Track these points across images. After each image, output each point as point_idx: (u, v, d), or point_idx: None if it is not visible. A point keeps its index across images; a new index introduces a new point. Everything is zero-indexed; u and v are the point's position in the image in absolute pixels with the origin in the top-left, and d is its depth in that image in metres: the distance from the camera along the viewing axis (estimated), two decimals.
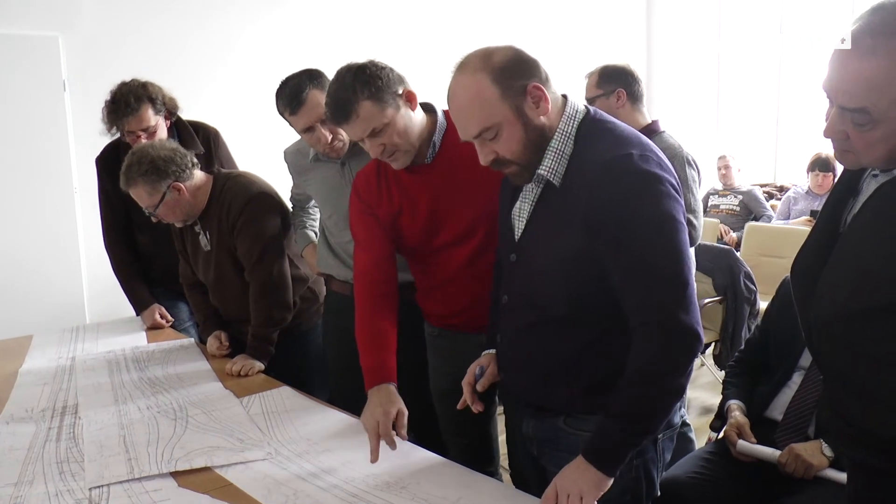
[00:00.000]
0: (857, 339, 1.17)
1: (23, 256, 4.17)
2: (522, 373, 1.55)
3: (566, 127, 1.40)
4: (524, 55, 1.38)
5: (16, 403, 2.11)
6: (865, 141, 1.11)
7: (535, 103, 1.36)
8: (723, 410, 2.23)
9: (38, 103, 4.20)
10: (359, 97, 1.69)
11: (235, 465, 1.64)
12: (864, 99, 1.08)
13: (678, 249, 1.33)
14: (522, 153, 1.39)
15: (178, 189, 2.32)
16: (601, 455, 1.34)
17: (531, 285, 1.48)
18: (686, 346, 1.34)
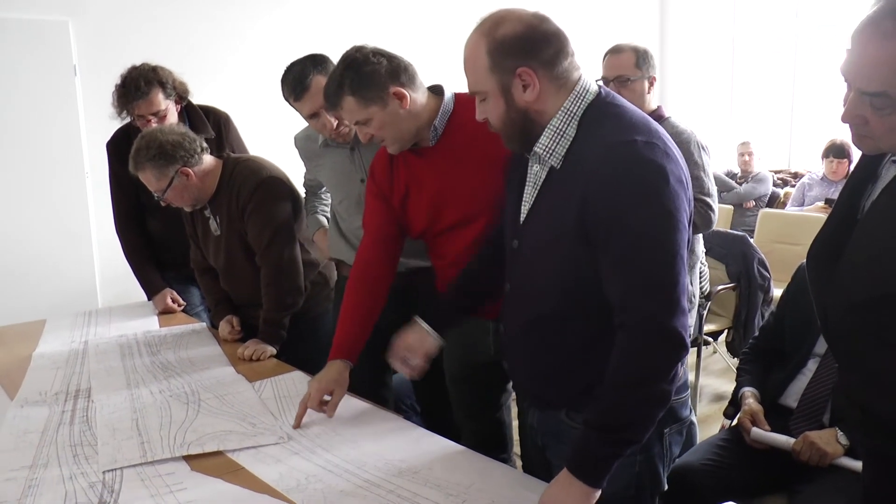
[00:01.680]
0: (874, 326, 1.16)
1: (35, 241, 4.19)
2: (523, 367, 1.53)
3: (572, 107, 1.35)
4: (533, 33, 1.32)
5: (30, 387, 2.12)
6: (885, 125, 1.09)
7: (523, 87, 1.33)
8: (736, 398, 2.22)
9: (49, 88, 4.20)
10: (343, 91, 1.75)
11: (247, 450, 1.64)
12: (884, 83, 1.06)
13: (671, 249, 1.27)
14: (502, 127, 1.39)
15: (187, 174, 2.32)
16: (584, 468, 1.29)
17: (528, 274, 1.45)
18: (668, 352, 1.28)
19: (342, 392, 1.79)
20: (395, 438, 1.67)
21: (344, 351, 1.83)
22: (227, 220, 2.42)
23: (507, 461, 2.00)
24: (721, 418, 2.39)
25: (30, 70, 4.12)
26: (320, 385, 1.77)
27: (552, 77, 1.34)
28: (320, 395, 1.76)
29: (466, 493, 1.41)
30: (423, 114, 1.80)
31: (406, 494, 1.41)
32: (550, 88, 1.34)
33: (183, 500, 1.42)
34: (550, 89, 1.34)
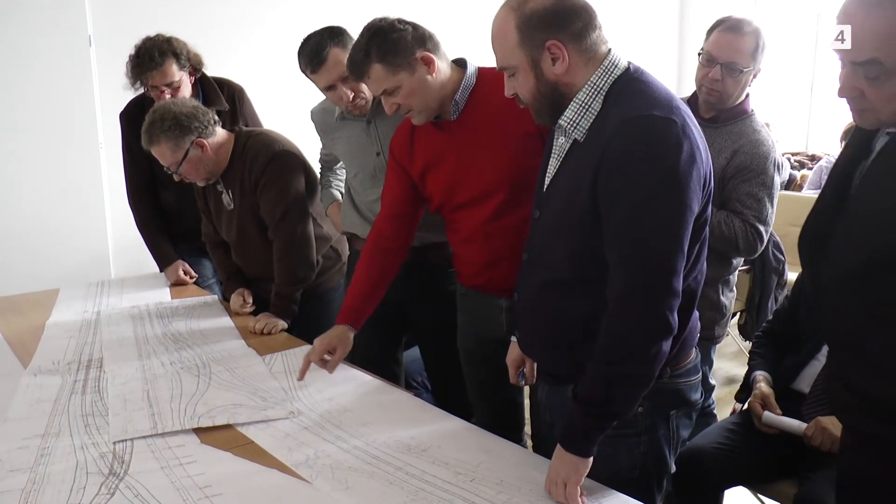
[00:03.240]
0: (866, 300, 1.16)
1: (49, 211, 4.20)
2: (534, 336, 1.53)
3: (599, 81, 1.34)
4: (562, 6, 1.31)
5: (43, 355, 2.13)
6: (882, 95, 1.08)
7: (553, 60, 1.32)
8: (748, 381, 2.21)
9: (64, 59, 4.18)
10: (371, 60, 1.73)
11: (257, 424, 1.64)
12: (874, 49, 1.05)
13: (670, 228, 1.25)
14: (533, 102, 1.38)
15: (202, 145, 2.30)
16: (571, 440, 1.32)
17: (544, 242, 1.45)
18: (651, 334, 1.28)
19: (344, 350, 1.84)
20: (405, 415, 1.67)
21: (350, 317, 1.87)
22: (239, 194, 2.41)
23: (520, 441, 2.00)
24: (732, 402, 2.38)
25: (45, 41, 4.11)
26: (322, 341, 1.83)
27: (581, 50, 1.33)
28: (323, 349, 1.82)
29: (475, 471, 1.41)
30: (447, 84, 1.78)
31: (415, 472, 1.42)
32: (579, 61, 1.33)
33: (192, 473, 1.43)
34: (579, 62, 1.33)
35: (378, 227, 1.95)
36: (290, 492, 1.37)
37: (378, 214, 1.98)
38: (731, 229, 2.17)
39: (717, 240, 2.20)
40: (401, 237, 1.93)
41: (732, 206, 2.20)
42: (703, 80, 2.22)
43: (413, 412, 1.70)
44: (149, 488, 1.38)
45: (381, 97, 1.79)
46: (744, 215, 2.18)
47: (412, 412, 1.70)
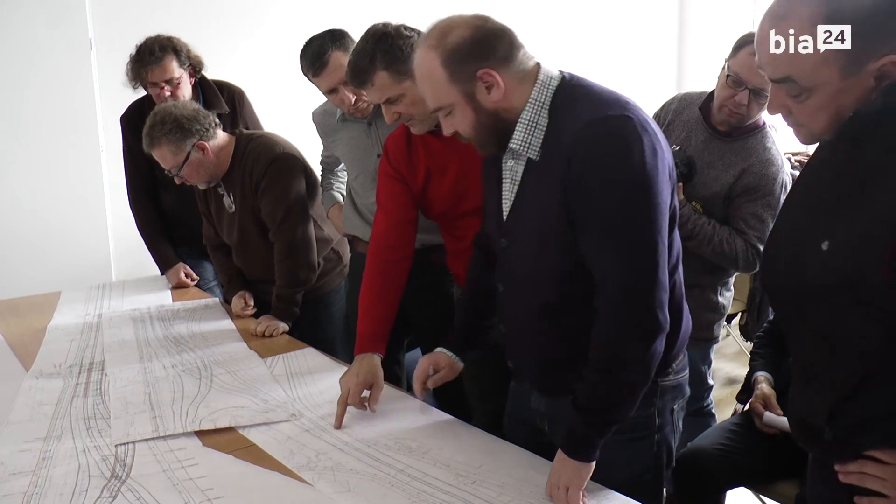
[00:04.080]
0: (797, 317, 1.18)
1: (50, 214, 4.20)
2: (531, 361, 1.51)
3: (539, 96, 1.33)
4: (483, 33, 1.30)
5: (45, 359, 2.13)
6: (806, 112, 1.09)
7: (487, 89, 1.30)
8: (749, 382, 2.20)
9: (65, 62, 4.18)
10: (376, 66, 1.69)
11: (259, 426, 1.64)
12: (785, 67, 1.06)
13: (647, 224, 1.25)
14: (475, 134, 1.36)
15: (203, 148, 2.31)
16: (574, 447, 1.32)
17: (523, 268, 1.42)
18: (645, 335, 1.28)
19: (381, 385, 1.72)
20: (406, 417, 1.67)
21: (372, 344, 1.76)
22: (240, 197, 2.41)
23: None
24: (733, 402, 2.38)
25: (45, 43, 4.11)
26: (358, 380, 1.69)
27: (512, 72, 1.31)
28: (360, 390, 1.69)
29: (477, 473, 1.41)
30: None
31: (416, 474, 1.42)
32: (513, 83, 1.32)
33: (194, 475, 1.43)
34: (514, 84, 1.32)
35: (380, 240, 1.87)
36: (292, 494, 1.37)
37: (377, 224, 1.90)
38: (733, 248, 2.18)
39: (717, 256, 2.21)
40: (405, 245, 1.88)
41: (736, 224, 2.20)
42: (726, 101, 2.14)
43: (414, 414, 1.70)
44: (151, 491, 1.38)
45: (382, 105, 1.75)
46: (746, 235, 2.18)
47: (413, 414, 1.70)
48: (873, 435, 1.13)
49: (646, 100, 1.49)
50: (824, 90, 1.05)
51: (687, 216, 2.17)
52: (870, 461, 1.13)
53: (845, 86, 1.05)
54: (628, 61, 6.23)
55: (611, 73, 6.04)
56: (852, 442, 1.14)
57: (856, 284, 1.05)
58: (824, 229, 1.09)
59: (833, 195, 1.11)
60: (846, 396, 1.12)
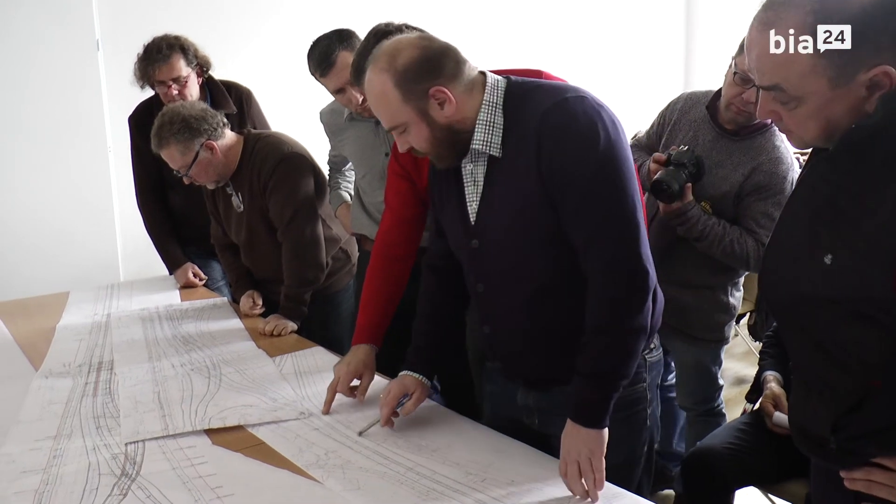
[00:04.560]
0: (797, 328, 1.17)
1: (58, 215, 4.22)
2: (520, 354, 1.52)
3: (491, 98, 1.39)
4: (431, 52, 1.36)
5: (54, 358, 2.14)
6: (795, 120, 1.09)
7: (440, 105, 1.36)
8: (759, 381, 2.19)
9: (72, 63, 4.20)
10: None
11: (268, 425, 1.65)
12: (773, 75, 1.05)
13: (621, 186, 1.32)
14: (431, 148, 1.41)
15: (211, 148, 2.31)
16: (589, 416, 1.35)
17: (504, 264, 1.45)
18: (640, 288, 1.34)
19: (371, 376, 1.76)
20: (415, 416, 1.66)
21: (368, 335, 1.80)
22: (248, 197, 2.42)
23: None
24: (742, 402, 2.37)
25: (52, 44, 4.13)
26: (349, 368, 1.74)
27: (462, 85, 1.37)
28: (350, 378, 1.73)
29: (486, 471, 1.41)
30: None
31: (425, 472, 1.42)
32: (464, 96, 1.38)
33: (204, 474, 1.43)
34: (464, 97, 1.38)
35: (384, 236, 1.90)
36: (301, 492, 1.37)
37: (383, 222, 1.93)
38: (744, 248, 2.17)
39: (727, 256, 2.19)
40: (409, 243, 1.90)
41: (747, 224, 2.19)
42: (734, 98, 2.14)
43: (423, 413, 1.69)
44: (161, 489, 1.38)
45: None
46: (757, 234, 2.17)
47: (422, 412, 1.69)
48: (880, 445, 1.12)
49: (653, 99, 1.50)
50: (813, 100, 1.05)
51: (696, 217, 2.16)
52: (876, 468, 1.13)
53: (835, 95, 1.04)
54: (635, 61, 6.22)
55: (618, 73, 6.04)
56: (857, 452, 1.14)
57: (861, 298, 1.05)
58: (826, 243, 1.09)
59: (834, 208, 1.10)
60: (850, 408, 1.12)
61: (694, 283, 2.31)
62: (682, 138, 2.28)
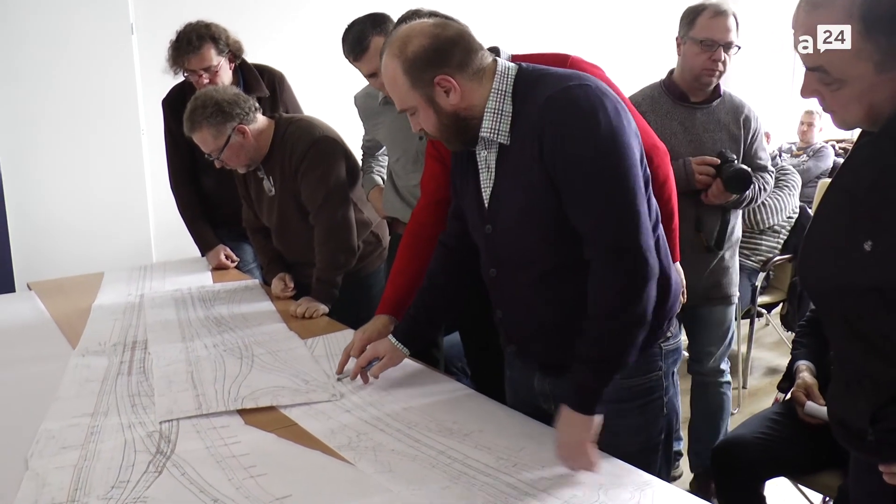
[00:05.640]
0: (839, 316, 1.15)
1: (92, 197, 4.28)
2: (533, 338, 1.54)
3: (500, 86, 1.41)
4: (440, 42, 1.39)
5: (90, 337, 2.18)
6: (839, 101, 1.07)
7: (445, 93, 1.40)
8: (791, 371, 2.17)
9: (106, 47, 4.24)
10: None
11: (300, 406, 1.66)
12: (818, 57, 1.04)
13: (623, 173, 1.32)
14: (440, 133, 1.46)
15: (243, 132, 2.33)
16: (583, 403, 1.36)
17: (514, 249, 1.47)
18: (641, 277, 1.34)
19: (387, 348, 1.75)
20: (446, 400, 1.68)
21: (391, 307, 1.85)
22: (280, 180, 2.43)
23: None
24: (773, 392, 2.35)
25: (87, 28, 4.17)
26: (364, 335, 1.79)
27: (469, 74, 1.40)
28: (363, 344, 1.78)
29: (517, 456, 1.41)
30: None
31: (457, 456, 1.42)
32: (471, 85, 1.41)
33: (237, 453, 1.45)
34: (472, 85, 1.41)
35: (418, 216, 1.94)
36: (334, 472, 1.38)
37: (417, 204, 1.97)
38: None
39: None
40: (441, 224, 1.90)
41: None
42: (705, 64, 2.35)
43: (453, 396, 1.70)
44: (195, 467, 1.40)
45: None
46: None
47: (452, 396, 1.70)
48: None
49: None
50: (857, 83, 1.03)
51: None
52: None
53: (880, 80, 1.03)
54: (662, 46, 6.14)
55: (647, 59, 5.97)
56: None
57: None
58: (866, 229, 1.07)
59: (875, 194, 1.08)
60: (891, 399, 1.10)
61: None
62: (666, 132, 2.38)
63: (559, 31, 5.45)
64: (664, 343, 1.50)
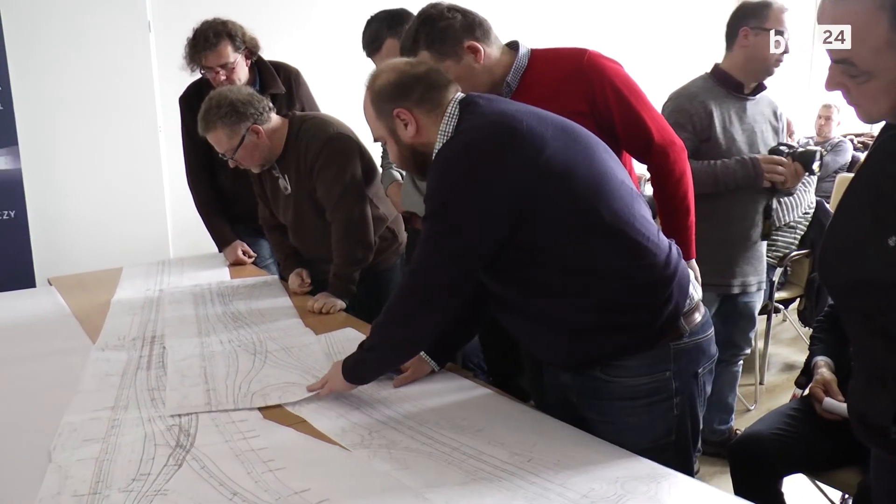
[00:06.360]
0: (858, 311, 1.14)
1: (111, 194, 4.32)
2: (544, 356, 1.61)
3: (446, 128, 1.48)
4: (404, 77, 1.51)
5: (109, 332, 2.20)
6: (865, 94, 1.06)
7: (404, 125, 1.50)
8: (809, 366, 2.16)
9: (124, 45, 4.27)
10: (419, 46, 1.80)
11: (310, 405, 1.65)
12: (844, 49, 1.02)
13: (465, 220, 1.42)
14: (403, 165, 1.59)
15: (257, 132, 2.34)
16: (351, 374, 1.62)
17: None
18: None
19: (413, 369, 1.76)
20: (455, 396, 1.68)
21: None
22: (295, 178, 2.44)
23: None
24: (791, 388, 2.34)
25: (104, 26, 4.20)
26: None
27: (426, 111, 1.50)
28: None
29: (531, 451, 1.41)
30: (496, 69, 1.81)
31: (471, 452, 1.41)
32: (428, 121, 1.50)
33: (256, 447, 1.46)
34: (428, 122, 1.50)
35: None
36: (353, 468, 1.38)
37: None
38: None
39: None
40: None
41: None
42: (777, 55, 2.49)
43: (464, 392, 1.70)
44: (214, 460, 1.41)
45: None
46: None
47: (463, 392, 1.70)
48: None
49: None
50: (885, 76, 1.02)
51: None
52: None
53: None
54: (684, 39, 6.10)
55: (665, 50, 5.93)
56: None
57: None
58: (891, 224, 1.06)
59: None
60: None
61: None
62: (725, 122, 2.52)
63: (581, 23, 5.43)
64: (674, 343, 1.46)
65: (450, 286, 1.48)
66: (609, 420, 1.49)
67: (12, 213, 3.81)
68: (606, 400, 1.49)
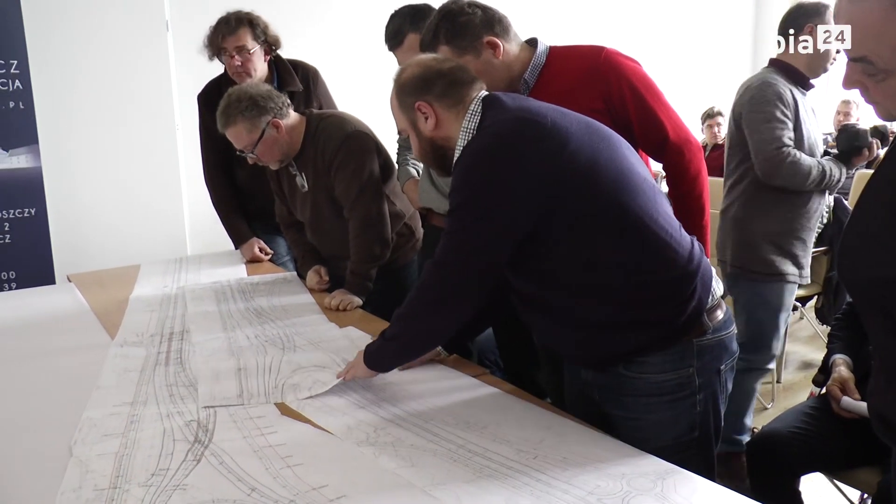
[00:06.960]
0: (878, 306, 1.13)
1: (129, 192, 4.36)
2: (566, 352, 1.62)
3: (468, 124, 1.50)
4: (428, 72, 1.54)
5: (128, 328, 2.22)
6: (883, 92, 1.05)
7: (424, 119, 1.53)
8: (827, 365, 2.14)
9: (142, 44, 4.31)
10: (439, 41, 1.81)
11: (314, 404, 1.65)
12: (862, 47, 1.01)
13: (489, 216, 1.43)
14: (422, 158, 1.62)
15: (277, 126, 2.35)
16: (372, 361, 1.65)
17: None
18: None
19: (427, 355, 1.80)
20: (463, 393, 1.68)
21: None
22: (313, 176, 2.45)
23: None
24: (808, 386, 2.33)
25: (123, 25, 4.24)
26: None
27: (447, 106, 1.52)
28: None
29: (537, 448, 1.40)
30: (515, 65, 1.82)
31: (477, 449, 1.41)
32: (448, 116, 1.53)
33: (274, 443, 1.47)
34: (448, 117, 1.53)
35: None
36: (368, 465, 1.38)
37: None
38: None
39: None
40: None
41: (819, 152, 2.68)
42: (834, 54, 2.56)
43: (468, 389, 1.70)
44: (232, 456, 1.42)
45: None
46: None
47: (467, 390, 1.70)
48: None
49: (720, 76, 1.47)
50: None
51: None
52: None
53: None
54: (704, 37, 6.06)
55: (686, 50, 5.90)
56: None
57: None
58: None
59: None
60: None
61: None
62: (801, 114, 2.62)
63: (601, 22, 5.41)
64: (698, 340, 1.47)
65: (474, 278, 1.49)
66: (632, 417, 1.49)
67: (33, 211, 3.86)
68: (629, 396, 1.49)
